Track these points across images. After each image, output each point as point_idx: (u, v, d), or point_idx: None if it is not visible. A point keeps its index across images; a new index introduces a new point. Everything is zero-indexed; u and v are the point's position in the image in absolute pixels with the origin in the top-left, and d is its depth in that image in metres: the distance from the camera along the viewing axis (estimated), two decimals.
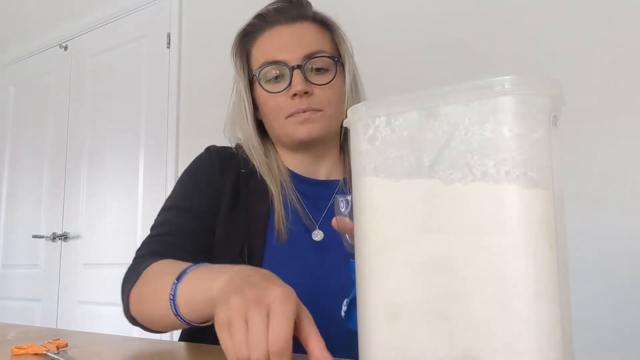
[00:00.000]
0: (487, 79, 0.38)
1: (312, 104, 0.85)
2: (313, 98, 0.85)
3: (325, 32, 0.91)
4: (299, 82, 0.84)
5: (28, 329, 0.83)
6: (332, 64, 0.88)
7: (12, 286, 2.89)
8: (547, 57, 1.43)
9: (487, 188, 0.37)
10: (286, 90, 0.85)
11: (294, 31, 0.88)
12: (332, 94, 0.87)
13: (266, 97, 0.87)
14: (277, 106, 0.86)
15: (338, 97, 0.88)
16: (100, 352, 0.66)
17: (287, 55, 0.86)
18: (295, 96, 0.84)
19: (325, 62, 0.87)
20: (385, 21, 1.75)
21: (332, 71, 0.87)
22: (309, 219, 0.87)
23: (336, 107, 0.88)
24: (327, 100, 0.86)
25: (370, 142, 0.43)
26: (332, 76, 0.87)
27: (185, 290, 0.64)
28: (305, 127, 0.84)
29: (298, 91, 0.83)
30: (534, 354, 0.35)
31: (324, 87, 0.86)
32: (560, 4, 1.43)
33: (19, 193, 2.93)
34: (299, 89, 0.83)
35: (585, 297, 1.26)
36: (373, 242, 0.42)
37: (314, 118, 0.85)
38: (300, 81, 0.84)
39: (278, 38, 0.88)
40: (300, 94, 0.83)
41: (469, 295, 0.37)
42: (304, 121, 0.84)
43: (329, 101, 0.86)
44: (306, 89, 0.84)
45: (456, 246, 0.38)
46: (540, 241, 0.36)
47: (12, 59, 3.13)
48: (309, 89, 0.84)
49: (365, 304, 0.43)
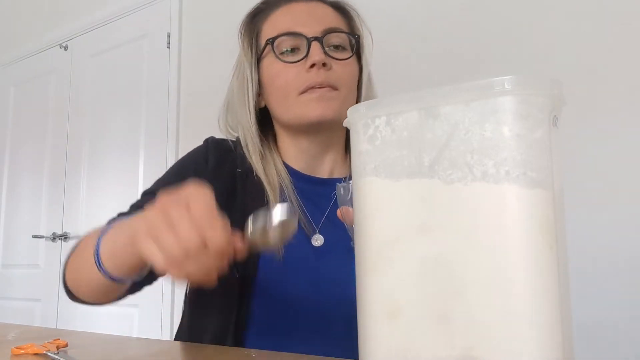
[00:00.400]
0: (487, 79, 0.38)
1: (329, 79, 0.78)
2: (331, 73, 0.79)
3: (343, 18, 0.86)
4: (317, 52, 0.78)
5: (28, 329, 0.83)
6: (350, 43, 0.83)
7: (12, 286, 2.88)
8: (547, 57, 1.43)
9: (487, 188, 0.37)
10: (303, 61, 0.79)
11: (310, 8, 0.83)
12: (349, 72, 0.82)
13: (279, 69, 0.80)
14: (290, 80, 0.79)
15: (353, 79, 0.83)
16: (100, 352, 0.66)
17: (304, 27, 0.80)
18: (312, 67, 0.77)
19: (344, 40, 0.82)
20: (385, 21, 1.75)
21: (349, 50, 0.83)
22: (308, 223, 0.82)
23: (351, 90, 0.83)
24: (345, 78, 0.81)
25: (370, 142, 0.43)
26: (350, 54, 0.82)
27: (107, 242, 0.63)
28: (320, 105, 0.77)
29: (317, 61, 0.77)
30: (534, 354, 0.35)
31: (343, 63, 0.81)
32: (560, 4, 1.43)
33: (19, 193, 2.93)
34: (318, 58, 0.77)
35: (585, 297, 1.26)
36: (373, 242, 0.42)
37: (330, 96, 0.78)
38: (319, 52, 0.78)
39: (294, 13, 0.83)
40: (319, 64, 0.77)
41: (469, 295, 0.37)
42: (320, 98, 0.77)
43: (346, 80, 0.81)
44: (325, 60, 0.78)
45: (456, 246, 0.38)
46: (540, 241, 0.36)
47: (12, 59, 3.13)
48: (328, 62, 0.78)
49: (365, 304, 0.43)
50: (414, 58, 1.67)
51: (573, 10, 1.41)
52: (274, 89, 0.81)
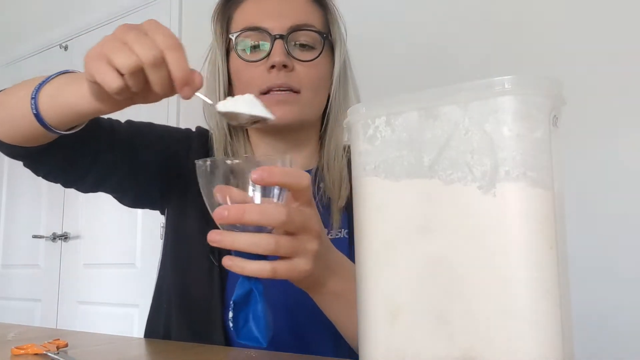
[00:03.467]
0: (487, 79, 0.38)
1: (290, 82, 0.75)
2: (292, 75, 0.76)
3: (318, 8, 0.82)
4: (279, 52, 0.74)
5: (28, 329, 0.83)
6: (319, 42, 0.79)
7: (12, 286, 2.88)
8: (547, 57, 1.43)
9: (487, 188, 0.37)
10: (264, 60, 0.76)
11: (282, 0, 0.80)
12: (314, 74, 0.78)
13: (240, 66, 0.78)
14: (251, 79, 0.77)
15: (320, 80, 0.80)
16: (100, 352, 0.66)
17: (270, 22, 0.77)
18: (272, 69, 0.75)
19: (312, 38, 0.78)
20: (385, 21, 1.75)
21: (317, 49, 0.78)
22: None
23: (316, 91, 0.79)
24: (308, 80, 0.77)
25: (370, 142, 0.43)
26: (317, 54, 0.78)
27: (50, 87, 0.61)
28: (279, 109, 0.74)
29: (277, 62, 0.74)
30: (534, 354, 0.35)
31: (307, 64, 0.77)
32: (560, 4, 1.43)
33: (19, 193, 2.93)
34: (278, 60, 0.74)
35: (585, 297, 1.26)
36: (373, 242, 0.42)
37: (290, 100, 0.76)
38: (280, 52, 0.75)
39: (263, 5, 0.79)
40: (279, 66, 0.74)
41: (469, 295, 0.37)
42: (278, 102, 0.75)
43: (309, 82, 0.77)
44: (286, 62, 0.75)
45: (456, 246, 0.38)
46: (540, 241, 0.36)
47: (12, 59, 3.13)
48: (289, 63, 0.75)
49: (365, 304, 0.43)
50: (414, 58, 1.67)
51: (573, 10, 1.41)
52: (239, 85, 0.80)
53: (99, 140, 0.75)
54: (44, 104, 0.60)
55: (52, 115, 0.60)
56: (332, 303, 0.61)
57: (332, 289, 0.58)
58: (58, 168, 0.75)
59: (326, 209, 0.81)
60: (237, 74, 0.80)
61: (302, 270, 0.51)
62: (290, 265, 0.50)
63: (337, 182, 0.82)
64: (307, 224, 0.51)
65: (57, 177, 0.77)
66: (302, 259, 0.51)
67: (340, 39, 0.83)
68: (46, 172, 0.76)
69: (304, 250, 0.51)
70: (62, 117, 0.61)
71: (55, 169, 0.75)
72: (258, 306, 0.49)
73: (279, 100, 0.75)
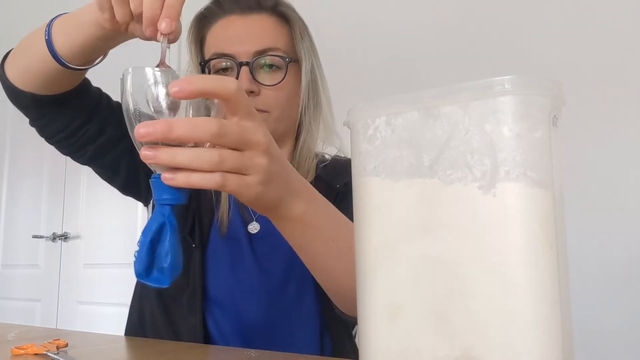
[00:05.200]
0: (487, 79, 0.38)
1: (257, 105, 0.80)
2: (259, 98, 0.80)
3: (284, 27, 0.85)
4: (244, 80, 0.79)
5: (28, 329, 0.83)
6: (283, 64, 0.83)
7: (12, 286, 2.88)
8: (547, 57, 1.43)
9: (486, 188, 0.37)
10: None
11: (247, 24, 0.83)
12: (281, 95, 0.83)
13: None
14: None
15: (288, 97, 0.84)
16: (100, 352, 0.66)
17: (236, 48, 0.81)
18: None
19: (277, 61, 0.82)
20: (385, 21, 1.75)
21: (283, 70, 0.82)
22: (246, 211, 0.85)
23: (285, 109, 0.84)
24: (275, 101, 0.82)
25: (370, 142, 0.43)
26: (282, 76, 0.82)
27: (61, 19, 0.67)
28: None
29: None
30: (534, 354, 0.35)
31: (272, 87, 0.81)
32: (560, 5, 1.43)
33: (19, 193, 2.93)
34: (245, 87, 0.78)
35: (585, 297, 1.26)
36: (373, 242, 0.42)
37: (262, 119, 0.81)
38: (246, 79, 0.79)
39: (230, 29, 0.83)
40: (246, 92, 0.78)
41: (469, 295, 0.37)
42: None
43: (276, 102, 0.82)
44: (251, 89, 0.79)
45: (456, 246, 0.38)
46: (540, 241, 0.36)
47: None
48: (255, 89, 0.80)
49: (365, 304, 0.43)
50: (413, 58, 1.67)
51: (573, 10, 1.41)
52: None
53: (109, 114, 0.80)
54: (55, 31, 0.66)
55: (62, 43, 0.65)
56: (302, 233, 0.56)
57: (297, 215, 0.54)
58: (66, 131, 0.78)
59: None
60: None
61: (253, 186, 0.47)
62: (240, 180, 0.47)
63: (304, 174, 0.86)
64: (249, 137, 0.46)
65: (60, 141, 0.81)
66: (252, 175, 0.47)
67: (307, 54, 0.85)
68: (52, 133, 0.79)
69: (252, 165, 0.47)
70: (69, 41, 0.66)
71: (62, 131, 0.79)
72: (166, 243, 0.46)
73: None
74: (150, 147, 0.44)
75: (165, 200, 0.46)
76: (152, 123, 0.43)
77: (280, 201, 0.52)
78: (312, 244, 0.57)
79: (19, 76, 0.72)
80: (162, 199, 0.46)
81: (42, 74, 0.70)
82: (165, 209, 0.46)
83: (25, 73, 0.71)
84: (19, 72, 0.72)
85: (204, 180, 0.44)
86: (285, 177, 0.52)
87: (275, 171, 0.49)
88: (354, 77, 1.74)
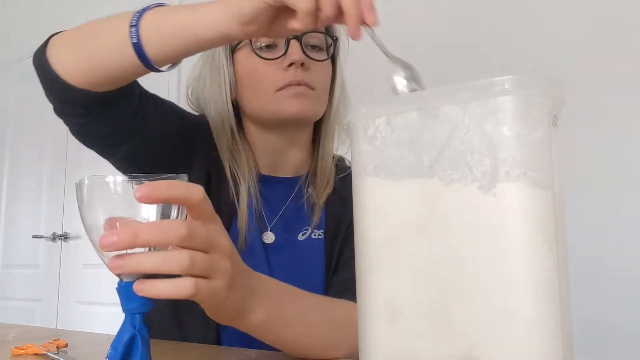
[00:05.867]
0: (487, 79, 0.38)
1: (307, 79, 0.78)
2: (308, 73, 0.78)
3: None
4: (296, 51, 0.77)
5: (28, 329, 0.83)
6: (326, 45, 0.83)
7: (12, 286, 2.88)
8: (547, 57, 1.43)
9: (487, 188, 0.37)
10: (281, 59, 0.77)
11: None
12: (326, 74, 0.82)
13: (256, 65, 0.79)
14: (268, 76, 0.78)
15: (328, 81, 0.83)
16: (100, 352, 0.66)
17: None
18: (290, 66, 0.77)
19: (321, 41, 0.82)
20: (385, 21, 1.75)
21: (325, 52, 0.82)
22: (261, 221, 0.83)
23: (325, 91, 0.83)
24: (321, 79, 0.81)
25: (370, 142, 0.43)
26: (327, 56, 0.82)
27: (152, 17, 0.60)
28: (298, 102, 0.77)
29: (295, 60, 0.76)
30: (534, 354, 0.35)
31: (320, 64, 0.80)
32: (560, 4, 1.43)
33: (19, 193, 2.93)
34: (297, 58, 0.76)
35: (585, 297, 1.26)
36: (373, 242, 0.42)
37: (308, 95, 0.78)
38: (298, 51, 0.77)
39: None
40: (297, 64, 0.76)
41: (469, 295, 0.37)
42: (297, 95, 0.77)
43: (321, 81, 0.81)
44: (304, 60, 0.77)
45: (456, 246, 0.38)
46: (540, 241, 0.36)
47: (12, 59, 3.13)
48: (306, 61, 0.78)
49: (365, 304, 0.43)
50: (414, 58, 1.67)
51: (573, 10, 1.41)
52: (250, 84, 0.80)
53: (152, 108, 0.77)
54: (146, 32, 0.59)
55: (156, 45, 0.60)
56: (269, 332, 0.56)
57: (261, 319, 0.53)
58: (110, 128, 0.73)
59: (310, 211, 0.84)
60: (248, 74, 0.80)
61: (220, 291, 0.46)
62: (210, 284, 0.44)
63: (324, 185, 0.84)
64: (215, 240, 0.45)
65: (101, 139, 0.76)
66: (219, 280, 0.45)
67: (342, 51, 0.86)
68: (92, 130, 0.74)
69: (218, 269, 0.45)
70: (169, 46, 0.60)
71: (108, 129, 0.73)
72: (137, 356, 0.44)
73: (297, 92, 0.77)
74: (117, 257, 0.43)
75: (135, 310, 0.45)
76: (117, 232, 0.41)
77: (243, 307, 0.51)
78: (280, 336, 0.58)
79: (79, 72, 0.65)
80: (132, 308, 0.45)
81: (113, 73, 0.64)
82: (135, 318, 0.45)
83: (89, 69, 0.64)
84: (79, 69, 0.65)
85: (176, 289, 0.43)
86: (245, 281, 0.51)
87: (236, 275, 0.48)
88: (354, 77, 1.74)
